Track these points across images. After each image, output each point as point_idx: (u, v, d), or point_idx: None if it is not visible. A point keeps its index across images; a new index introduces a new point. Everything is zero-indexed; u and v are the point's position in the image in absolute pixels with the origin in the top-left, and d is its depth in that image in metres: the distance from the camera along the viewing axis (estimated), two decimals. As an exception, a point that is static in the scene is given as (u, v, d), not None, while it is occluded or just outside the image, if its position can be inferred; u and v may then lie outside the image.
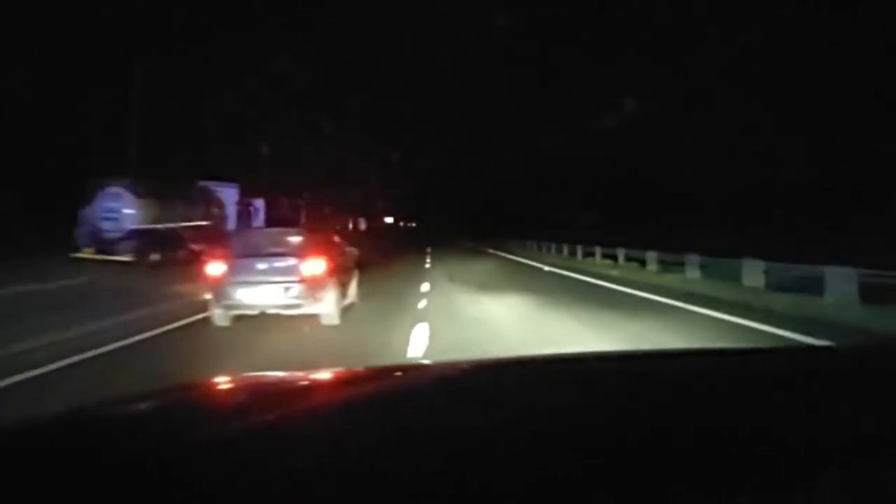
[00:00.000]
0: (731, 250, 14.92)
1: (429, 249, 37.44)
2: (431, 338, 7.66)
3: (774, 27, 29.83)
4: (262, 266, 8.50)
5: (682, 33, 35.92)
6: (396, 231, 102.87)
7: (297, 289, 8.29)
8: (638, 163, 40.38)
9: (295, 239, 9.04)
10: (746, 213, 31.17)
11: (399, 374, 1.50)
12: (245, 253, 8.78)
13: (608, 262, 23.12)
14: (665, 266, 18.50)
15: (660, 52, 37.83)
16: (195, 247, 19.33)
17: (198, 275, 9.61)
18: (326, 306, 8.52)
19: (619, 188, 45.61)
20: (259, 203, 30.65)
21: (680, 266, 17.09)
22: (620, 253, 22.37)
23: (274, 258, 8.58)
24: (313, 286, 8.34)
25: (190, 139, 28.80)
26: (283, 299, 8.31)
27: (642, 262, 20.12)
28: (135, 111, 25.32)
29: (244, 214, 27.74)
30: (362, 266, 16.38)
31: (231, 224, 24.93)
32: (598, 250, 25.00)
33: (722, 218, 31.60)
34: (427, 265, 23.87)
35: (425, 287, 14.41)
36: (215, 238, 16.79)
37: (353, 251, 11.83)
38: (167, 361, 6.77)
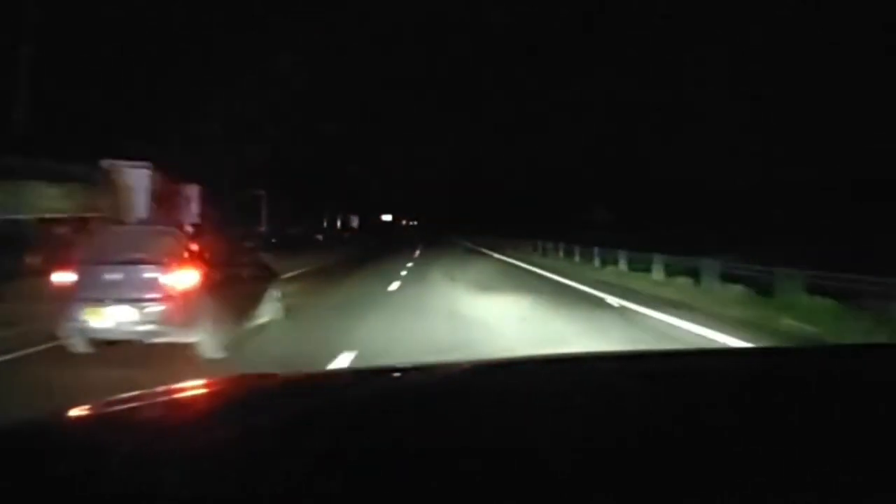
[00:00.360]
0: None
1: (417, 254, 31.35)
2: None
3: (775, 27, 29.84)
4: (113, 277, 6.44)
5: (683, 32, 35.91)
6: (395, 230, 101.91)
7: (158, 309, 6.30)
8: (649, 157, 38.81)
9: (163, 241, 6.82)
10: (749, 211, 30.82)
11: (398, 374, 1.50)
12: (96, 259, 6.65)
13: (737, 291, 11.85)
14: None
15: (660, 52, 37.79)
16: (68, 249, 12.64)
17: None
18: (201, 333, 6.40)
19: (631, 183, 43.13)
20: (192, 191, 24.07)
21: None
22: (803, 279, 10.45)
23: (130, 267, 6.48)
24: (181, 306, 6.33)
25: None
26: (139, 323, 6.30)
27: (836, 298, 9.60)
28: (23, 70, 20.45)
29: (166, 205, 21.12)
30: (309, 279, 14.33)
31: (140, 217, 18.60)
32: (714, 266, 12.83)
33: (736, 216, 30.39)
34: (393, 287, 14.90)
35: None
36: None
37: (263, 257, 9.42)
38: None
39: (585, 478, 0.73)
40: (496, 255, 32.38)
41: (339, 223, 78.68)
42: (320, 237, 52.61)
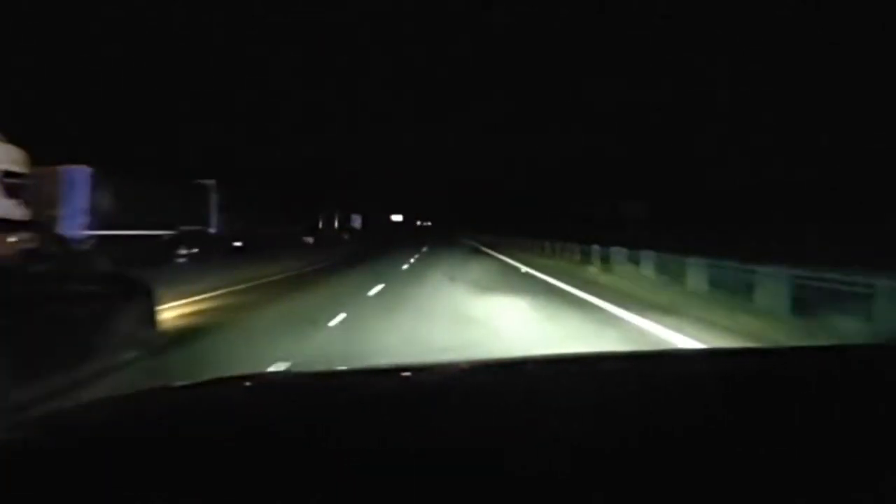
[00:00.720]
0: None
1: (406, 266, 21.61)
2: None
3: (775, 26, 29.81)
4: None
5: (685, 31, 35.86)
6: (403, 231, 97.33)
7: None
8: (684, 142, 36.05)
9: None
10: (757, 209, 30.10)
11: (398, 373, 1.50)
12: None
13: None
14: None
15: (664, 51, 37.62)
16: None
17: None
18: None
19: (667, 174, 38.45)
20: (77, 175, 17.68)
21: None
22: None
23: None
24: None
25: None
26: None
27: None
28: None
29: (24, 192, 15.12)
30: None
31: None
32: None
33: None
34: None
35: None
36: None
37: (102, 262, 6.08)
38: None
39: (585, 478, 0.73)
40: (527, 271, 19.31)
41: (336, 223, 73.10)
42: (310, 239, 45.95)
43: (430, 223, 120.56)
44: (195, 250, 23.91)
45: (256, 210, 35.43)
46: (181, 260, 22.69)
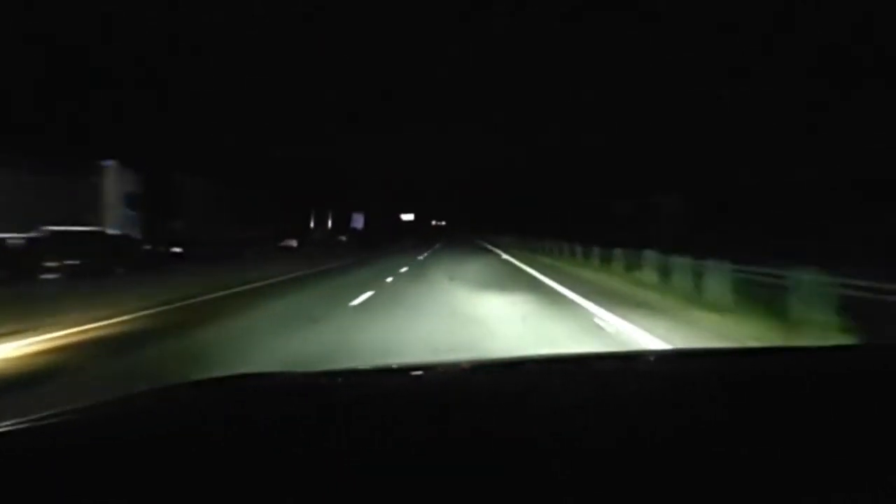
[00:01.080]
0: None
1: (362, 297, 11.45)
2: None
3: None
4: None
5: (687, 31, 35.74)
6: (411, 231, 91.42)
7: None
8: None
9: None
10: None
11: (399, 373, 1.50)
12: None
13: None
14: None
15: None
16: None
17: None
18: None
19: (664, 175, 35.97)
20: None
21: None
22: None
23: None
24: None
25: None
26: None
27: None
28: None
29: None
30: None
31: None
32: None
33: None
34: None
35: None
36: None
37: None
38: None
39: (585, 477, 0.74)
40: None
41: (330, 223, 66.99)
42: (293, 242, 39.21)
43: (444, 223, 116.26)
44: (76, 261, 17.10)
45: (225, 207, 29.60)
46: (50, 275, 16.50)
